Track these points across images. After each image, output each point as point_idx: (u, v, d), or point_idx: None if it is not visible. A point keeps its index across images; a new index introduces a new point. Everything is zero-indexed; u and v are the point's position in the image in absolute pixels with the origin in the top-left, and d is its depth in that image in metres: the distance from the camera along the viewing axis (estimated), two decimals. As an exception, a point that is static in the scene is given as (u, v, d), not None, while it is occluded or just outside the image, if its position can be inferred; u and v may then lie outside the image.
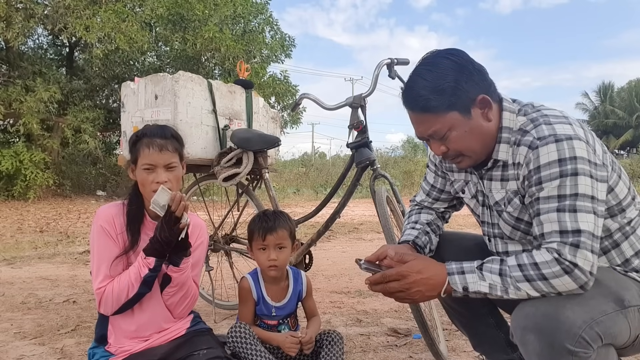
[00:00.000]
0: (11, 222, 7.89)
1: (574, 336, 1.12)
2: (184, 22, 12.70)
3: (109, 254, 1.55)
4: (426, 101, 1.29)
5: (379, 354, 2.24)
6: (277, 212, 1.86)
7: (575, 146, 1.19)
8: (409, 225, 1.64)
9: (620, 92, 39.72)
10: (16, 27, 10.17)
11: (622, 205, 1.30)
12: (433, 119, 1.31)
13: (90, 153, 12.30)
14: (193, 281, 1.66)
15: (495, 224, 1.44)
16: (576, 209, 1.18)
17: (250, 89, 2.93)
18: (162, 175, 1.54)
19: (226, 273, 3.13)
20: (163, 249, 1.53)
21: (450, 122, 1.29)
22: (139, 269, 1.52)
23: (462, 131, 1.30)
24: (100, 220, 1.58)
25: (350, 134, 2.34)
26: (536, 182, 1.23)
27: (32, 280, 3.89)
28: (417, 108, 1.33)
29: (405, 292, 1.29)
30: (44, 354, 2.27)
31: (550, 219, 1.20)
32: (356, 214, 9.23)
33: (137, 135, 1.61)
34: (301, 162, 22.38)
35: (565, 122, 1.25)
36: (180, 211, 1.48)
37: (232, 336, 1.66)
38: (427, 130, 1.33)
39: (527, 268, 1.20)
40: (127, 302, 1.54)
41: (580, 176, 1.18)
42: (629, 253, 1.32)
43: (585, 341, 1.13)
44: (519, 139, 1.30)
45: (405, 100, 1.35)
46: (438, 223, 1.66)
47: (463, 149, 1.33)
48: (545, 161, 1.21)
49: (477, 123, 1.31)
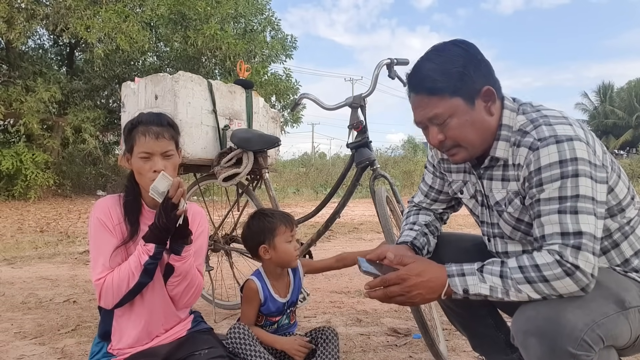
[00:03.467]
0: (11, 222, 7.90)
1: (576, 339, 1.12)
2: (185, 20, 12.70)
3: (106, 246, 1.53)
4: (433, 82, 1.28)
5: (379, 354, 2.24)
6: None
7: (576, 147, 1.18)
8: (407, 226, 1.63)
9: (620, 92, 39.71)
10: (18, 28, 10.19)
11: (622, 205, 1.30)
12: (436, 101, 1.29)
13: (91, 153, 12.31)
14: (197, 270, 1.63)
15: (495, 223, 1.43)
16: (577, 210, 1.17)
17: (250, 88, 2.93)
18: (159, 163, 1.52)
19: (226, 273, 3.13)
20: (162, 235, 1.50)
21: (453, 107, 1.28)
22: (139, 257, 1.49)
23: (463, 119, 1.29)
24: (97, 213, 1.56)
25: (350, 134, 2.34)
26: (537, 184, 1.22)
27: (33, 280, 3.89)
28: (422, 89, 1.31)
29: (406, 295, 1.27)
30: (44, 354, 2.27)
31: (551, 221, 1.20)
32: (356, 214, 9.23)
33: (132, 123, 1.58)
34: (301, 162, 22.37)
35: (566, 123, 1.24)
36: (177, 197, 1.45)
37: (231, 337, 1.66)
38: (429, 113, 1.30)
39: (528, 270, 1.19)
40: (128, 293, 1.51)
41: (581, 177, 1.17)
42: (628, 253, 1.32)
43: (587, 344, 1.12)
44: (519, 140, 1.29)
45: (411, 81, 1.33)
46: (436, 224, 1.65)
47: (461, 139, 1.31)
48: (546, 162, 1.20)
49: (479, 115, 1.30)
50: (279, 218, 1.81)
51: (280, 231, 1.78)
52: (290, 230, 1.79)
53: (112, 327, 1.61)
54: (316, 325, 2.65)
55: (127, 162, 1.59)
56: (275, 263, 1.80)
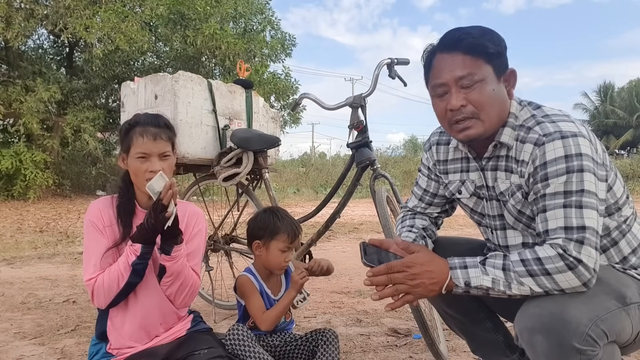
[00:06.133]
0: (11, 222, 7.89)
1: (581, 334, 1.12)
2: (185, 20, 12.70)
3: (97, 247, 1.54)
4: (473, 41, 1.28)
5: (379, 354, 2.23)
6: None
7: (580, 143, 1.20)
8: (405, 229, 1.62)
9: (621, 92, 39.69)
10: (16, 27, 10.18)
11: (619, 204, 1.32)
12: (472, 61, 1.28)
13: (90, 153, 12.30)
14: (193, 270, 1.62)
15: (497, 215, 1.44)
16: (582, 205, 1.18)
17: (250, 88, 2.93)
18: (156, 164, 1.53)
19: (226, 273, 3.12)
20: (149, 236, 1.50)
21: (486, 73, 1.29)
22: (127, 257, 1.50)
23: (490, 88, 1.29)
24: (89, 215, 1.58)
25: (350, 134, 2.33)
26: (542, 178, 1.23)
27: (32, 280, 3.89)
28: (460, 47, 1.29)
29: (408, 283, 1.26)
30: (44, 354, 2.27)
31: (556, 215, 1.20)
32: (356, 214, 9.23)
33: (129, 124, 1.58)
34: (301, 162, 22.37)
35: (568, 120, 1.26)
36: (167, 199, 1.45)
37: (230, 338, 1.66)
38: (461, 72, 1.28)
39: (531, 263, 1.19)
40: (119, 292, 1.52)
41: (586, 173, 1.19)
42: (626, 251, 1.33)
43: (592, 339, 1.13)
44: (524, 137, 1.30)
45: (447, 39, 1.32)
46: (432, 229, 1.65)
47: (483, 105, 1.29)
48: (551, 157, 1.22)
49: (502, 91, 1.32)
50: (286, 225, 1.81)
51: (280, 237, 1.79)
52: (290, 242, 1.80)
53: (107, 327, 1.61)
54: (316, 326, 2.66)
55: (122, 162, 1.59)
56: (262, 262, 1.83)
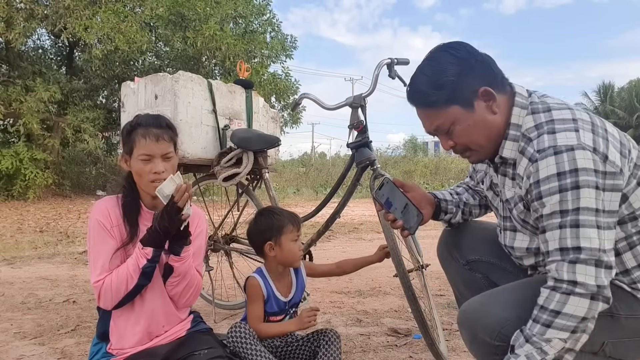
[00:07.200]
0: (11, 222, 7.89)
1: (493, 331, 1.23)
2: (185, 21, 12.69)
3: (105, 247, 1.53)
4: (425, 96, 1.31)
5: (379, 354, 2.24)
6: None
7: (577, 157, 1.15)
8: (451, 190, 1.69)
9: (621, 92, 39.65)
10: (17, 28, 10.18)
11: (635, 214, 1.24)
12: (435, 113, 1.32)
13: (90, 153, 12.29)
14: (196, 270, 1.63)
15: (507, 217, 1.44)
16: (579, 224, 1.15)
17: (250, 88, 2.93)
18: (159, 165, 1.53)
19: (226, 273, 3.12)
20: (161, 239, 1.50)
21: (452, 116, 1.30)
22: (137, 260, 1.49)
23: (465, 125, 1.30)
24: (96, 214, 1.56)
25: (350, 134, 2.33)
26: (537, 197, 1.21)
27: (32, 280, 3.88)
28: (418, 103, 1.35)
29: None
30: (44, 354, 2.27)
31: (553, 236, 1.18)
32: (356, 214, 9.22)
33: (131, 125, 1.59)
34: (301, 162, 22.36)
35: (571, 129, 1.19)
36: (183, 202, 1.46)
37: (232, 336, 1.66)
38: (431, 125, 1.35)
39: (540, 316, 1.18)
40: (127, 294, 1.51)
41: (582, 189, 1.14)
42: (630, 264, 1.27)
43: (505, 335, 1.22)
44: (524, 148, 1.27)
45: (408, 96, 1.38)
46: (473, 210, 1.67)
47: (469, 142, 1.33)
48: (544, 175, 1.18)
49: (481, 116, 1.30)
50: (287, 217, 1.82)
51: (288, 230, 1.79)
52: (297, 230, 1.81)
53: (109, 327, 1.61)
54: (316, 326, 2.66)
55: (125, 163, 1.59)
56: (279, 261, 1.81)
